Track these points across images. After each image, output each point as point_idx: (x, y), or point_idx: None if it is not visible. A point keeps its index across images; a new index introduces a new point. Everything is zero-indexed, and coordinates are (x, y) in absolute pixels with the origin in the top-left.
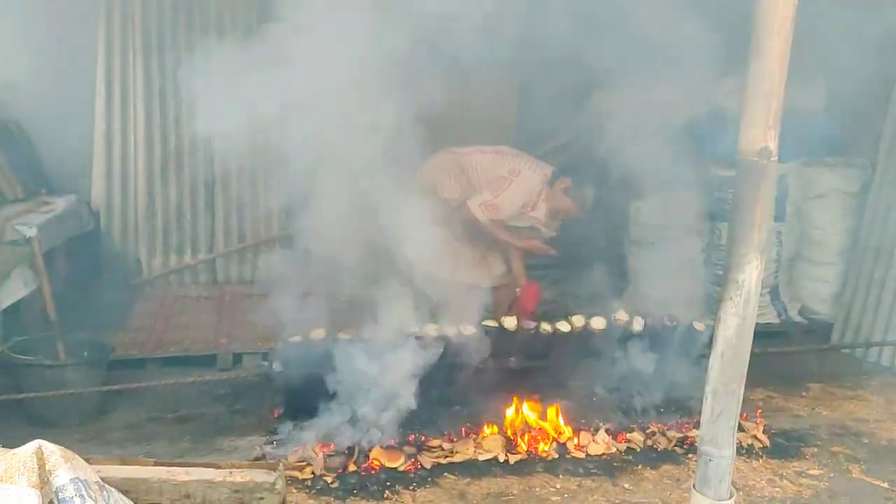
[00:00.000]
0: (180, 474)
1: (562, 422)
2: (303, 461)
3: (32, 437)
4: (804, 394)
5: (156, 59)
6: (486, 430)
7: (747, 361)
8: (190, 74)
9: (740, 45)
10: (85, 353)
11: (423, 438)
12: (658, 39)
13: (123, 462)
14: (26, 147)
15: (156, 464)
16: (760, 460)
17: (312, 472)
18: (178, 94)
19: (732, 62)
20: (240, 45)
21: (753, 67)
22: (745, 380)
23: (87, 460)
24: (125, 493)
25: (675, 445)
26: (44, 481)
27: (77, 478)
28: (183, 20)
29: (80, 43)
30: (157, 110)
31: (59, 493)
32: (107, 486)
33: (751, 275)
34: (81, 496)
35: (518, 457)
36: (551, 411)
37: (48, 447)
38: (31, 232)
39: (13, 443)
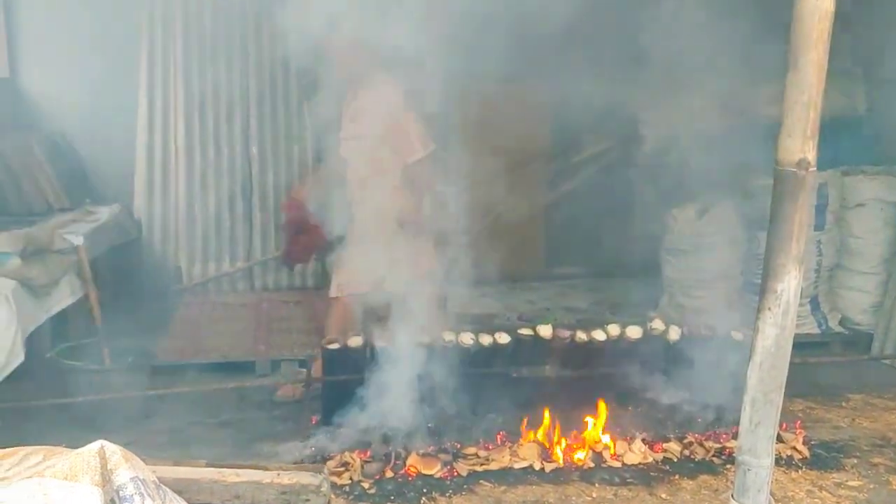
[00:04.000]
0: (230, 476)
1: (598, 431)
2: (341, 467)
3: (80, 440)
4: (844, 405)
5: (196, 72)
6: (522, 438)
7: (786, 371)
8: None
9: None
10: (129, 359)
11: (458, 446)
12: (693, 47)
13: (177, 463)
14: (72, 158)
15: (207, 465)
16: (800, 471)
17: (350, 478)
18: (217, 105)
19: (771, 69)
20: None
21: (791, 78)
22: (783, 389)
23: (143, 461)
24: (178, 492)
25: (713, 456)
26: (105, 480)
27: (136, 476)
28: (222, 34)
29: (124, 57)
30: (197, 122)
31: (120, 492)
32: (162, 485)
33: (789, 285)
34: (140, 494)
35: (553, 465)
36: (587, 420)
37: (110, 447)
38: (78, 240)
39: (62, 445)
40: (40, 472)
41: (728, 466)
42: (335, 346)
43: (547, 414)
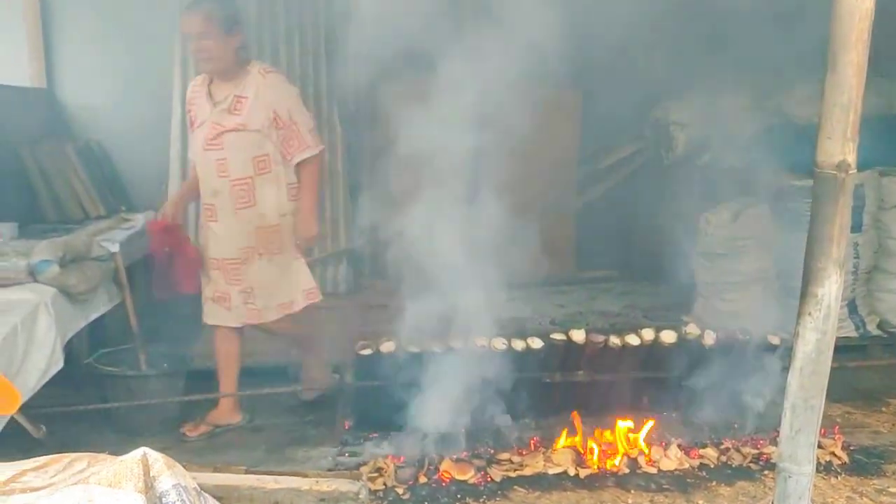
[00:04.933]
0: (269, 482)
1: (633, 436)
2: (375, 472)
3: (118, 445)
4: (884, 409)
5: None
6: (556, 443)
7: (827, 377)
8: None
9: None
10: (165, 365)
11: (492, 451)
12: (725, 48)
13: (216, 469)
14: (107, 166)
15: (246, 472)
16: (839, 477)
17: (384, 484)
18: None
19: (804, 70)
20: None
21: (830, 79)
22: (825, 395)
23: (184, 468)
24: (218, 499)
25: (751, 462)
26: (148, 487)
27: (178, 484)
28: (254, 43)
29: (157, 66)
30: None
31: (163, 499)
32: (203, 492)
33: (830, 289)
34: (183, 501)
35: (588, 471)
36: (621, 425)
37: (152, 454)
38: (115, 247)
39: (100, 449)
40: (85, 479)
41: (766, 473)
42: (368, 351)
43: (581, 419)
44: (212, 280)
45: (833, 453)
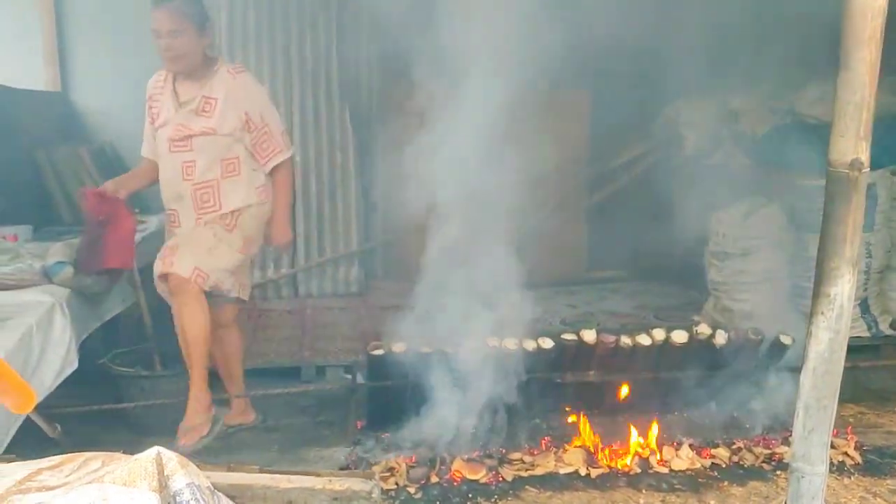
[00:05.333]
0: (283, 481)
1: (644, 436)
2: (386, 472)
3: (132, 445)
4: None
5: None
6: (567, 443)
7: (840, 377)
8: None
9: (822, 51)
10: (179, 365)
11: (503, 451)
12: (734, 47)
13: (230, 468)
14: (120, 168)
15: (260, 471)
16: (852, 478)
17: (396, 483)
18: None
19: (815, 69)
20: None
21: (843, 77)
22: (838, 395)
23: (197, 467)
24: (231, 498)
25: (763, 462)
26: (162, 486)
27: (192, 483)
28: (266, 44)
29: None
30: None
31: (177, 497)
32: (217, 491)
33: (843, 288)
34: (196, 500)
35: (599, 471)
36: (633, 425)
37: (166, 453)
38: None
39: (114, 449)
40: (100, 478)
41: (779, 473)
42: (380, 351)
43: (592, 419)
44: None
45: (846, 453)
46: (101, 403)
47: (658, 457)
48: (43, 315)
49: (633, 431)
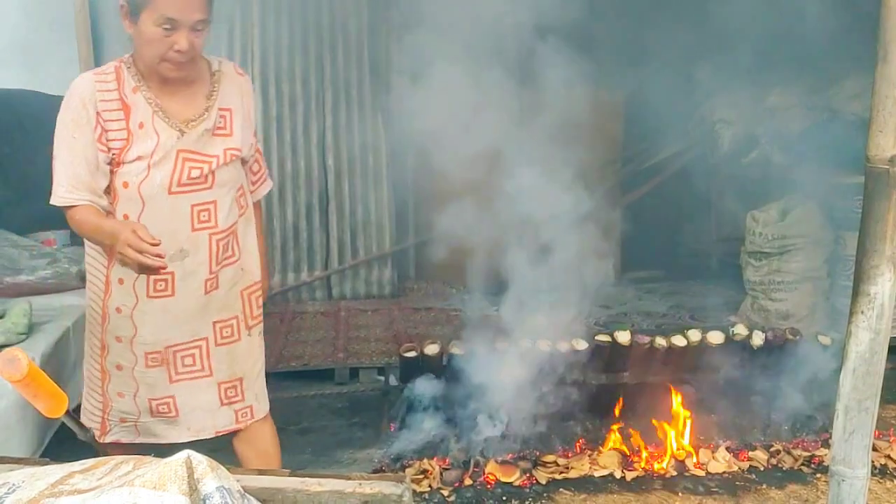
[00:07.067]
0: (313, 485)
1: (680, 439)
2: (420, 474)
3: (163, 448)
4: None
5: (273, 87)
6: (602, 446)
7: (882, 377)
8: None
9: (860, 45)
10: None
11: (537, 454)
12: (769, 43)
13: (261, 472)
14: None
15: (291, 474)
16: (895, 481)
17: (429, 486)
18: (294, 118)
19: (853, 63)
20: None
21: (881, 71)
22: (879, 397)
23: (228, 470)
24: (262, 501)
25: (802, 465)
26: (192, 489)
27: (222, 486)
28: (299, 47)
29: None
30: (275, 136)
31: (207, 501)
32: (247, 494)
33: (883, 287)
34: (226, 503)
35: (635, 473)
36: (669, 428)
37: (196, 457)
38: None
39: (148, 453)
40: (130, 482)
41: (818, 476)
42: (412, 353)
43: (627, 421)
44: (142, 384)
45: (889, 456)
46: None
47: (694, 459)
48: (80, 318)
49: (670, 433)
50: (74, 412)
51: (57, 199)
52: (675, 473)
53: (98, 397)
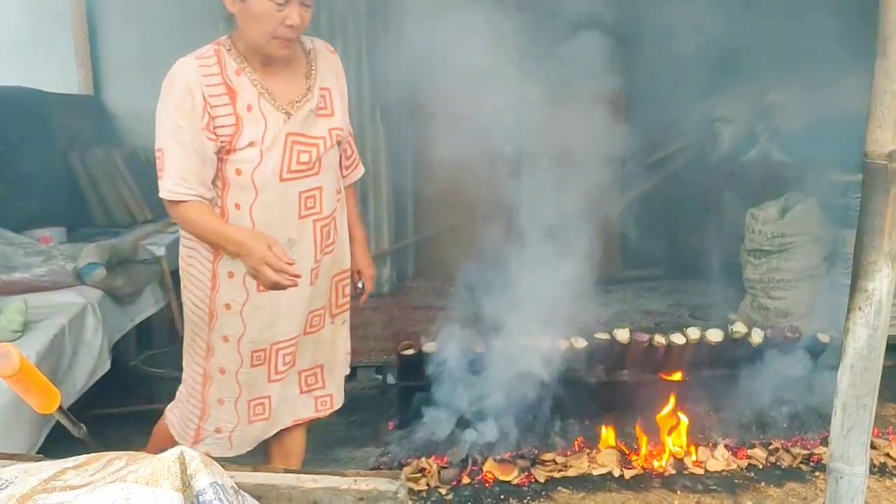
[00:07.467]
0: (308, 481)
1: (679, 437)
2: (418, 472)
3: None
4: None
5: None
6: (601, 444)
7: (880, 374)
8: None
9: (858, 41)
10: None
11: (536, 452)
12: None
13: (255, 468)
14: (152, 171)
15: (285, 471)
16: (894, 479)
17: (427, 484)
18: None
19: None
20: None
21: (880, 65)
22: (877, 393)
23: (222, 466)
24: (257, 497)
25: (801, 462)
26: (185, 485)
27: (216, 482)
28: None
29: None
30: None
31: (200, 497)
32: (241, 490)
33: (881, 283)
34: (220, 499)
35: (633, 472)
36: (666, 425)
37: (189, 453)
38: (161, 251)
39: (146, 450)
40: (123, 478)
41: (817, 474)
42: (410, 351)
43: (625, 419)
44: (244, 387)
45: (888, 454)
46: (134, 405)
47: (693, 457)
48: (75, 316)
49: (668, 431)
50: (68, 409)
51: (165, 192)
52: (673, 471)
53: (197, 403)
